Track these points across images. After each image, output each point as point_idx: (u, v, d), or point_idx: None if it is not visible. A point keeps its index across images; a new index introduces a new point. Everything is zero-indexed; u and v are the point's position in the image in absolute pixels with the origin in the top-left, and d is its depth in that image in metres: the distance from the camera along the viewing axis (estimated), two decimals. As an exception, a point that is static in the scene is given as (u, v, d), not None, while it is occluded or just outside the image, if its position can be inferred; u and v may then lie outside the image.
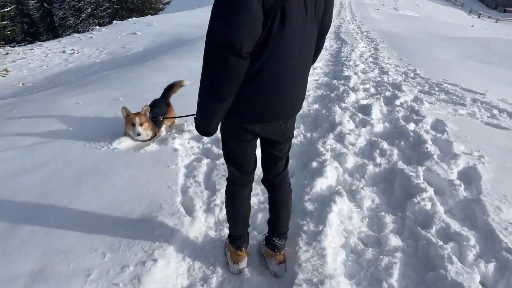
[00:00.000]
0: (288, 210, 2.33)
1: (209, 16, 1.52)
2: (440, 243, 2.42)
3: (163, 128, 4.17)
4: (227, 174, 2.22)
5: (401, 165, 3.54)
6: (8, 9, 23.94)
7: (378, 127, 4.65)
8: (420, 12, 39.88)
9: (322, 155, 3.63)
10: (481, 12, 51.21)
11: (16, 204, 2.76)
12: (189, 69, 7.14)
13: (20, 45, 22.36)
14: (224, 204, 2.31)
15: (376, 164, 3.62)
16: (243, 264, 2.35)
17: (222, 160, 3.47)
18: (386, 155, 3.82)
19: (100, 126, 4.14)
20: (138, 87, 5.80)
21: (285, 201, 2.30)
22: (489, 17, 50.27)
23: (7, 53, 17.10)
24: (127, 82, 6.24)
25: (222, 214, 2.73)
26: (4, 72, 13.41)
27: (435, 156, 3.71)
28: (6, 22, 22.88)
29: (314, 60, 2.04)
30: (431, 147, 3.92)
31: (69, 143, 3.71)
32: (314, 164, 3.47)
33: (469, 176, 3.46)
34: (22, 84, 11.75)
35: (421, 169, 3.41)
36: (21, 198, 2.82)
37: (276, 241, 2.33)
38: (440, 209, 2.83)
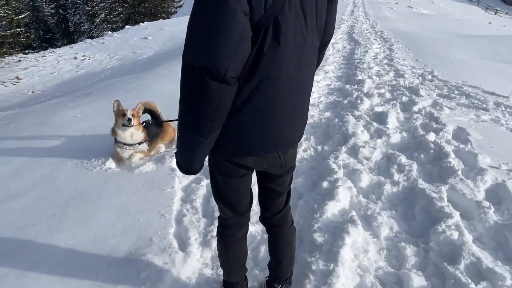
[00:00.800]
0: (291, 253, 1.97)
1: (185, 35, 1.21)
2: (472, 285, 2.08)
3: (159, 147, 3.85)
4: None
5: (421, 183, 3.18)
6: (23, 15, 24.24)
7: (395, 138, 4.30)
8: (435, 10, 39.05)
9: (334, 173, 3.30)
10: (498, 9, 49.96)
11: (-9, 239, 2.50)
12: (196, 76, 6.90)
13: (33, 52, 22.52)
14: (216, 248, 1.96)
15: (394, 182, 3.28)
16: None
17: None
18: (405, 171, 3.47)
19: (96, 142, 3.89)
20: (142, 97, 5.53)
21: (288, 243, 1.94)
22: (507, 13, 49.00)
23: (19, 60, 17.19)
24: (131, 92, 6.00)
25: (220, 247, 2.43)
26: (15, 80, 13.42)
27: (459, 172, 3.35)
28: (21, 29, 23.14)
29: None
30: (454, 161, 3.56)
31: (60, 163, 3.46)
32: (325, 184, 3.14)
33: (498, 195, 3.10)
34: (32, 92, 11.69)
35: (444, 189, 3.05)
36: (-2, 231, 2.57)
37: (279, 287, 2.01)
38: (469, 238, 2.47)
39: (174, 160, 3.45)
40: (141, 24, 25.84)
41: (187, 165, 1.48)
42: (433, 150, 3.88)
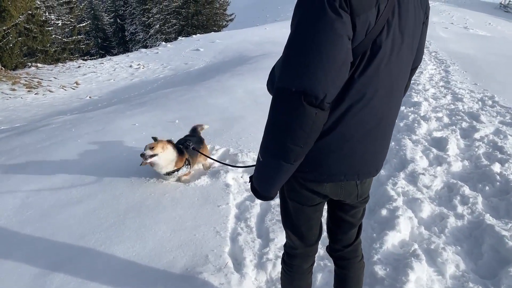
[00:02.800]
0: None
1: (281, 58, 1.18)
2: None
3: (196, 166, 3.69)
4: (284, 239, 1.80)
5: (489, 218, 2.98)
6: (84, 24, 25.65)
7: (456, 166, 4.08)
8: (492, 32, 37.40)
9: (393, 201, 3.16)
10: None
11: (54, 245, 2.57)
12: (248, 90, 6.91)
13: (92, 59, 23.68)
14: (280, 276, 1.88)
15: (457, 215, 3.09)
16: None
17: (278, 201, 3.11)
18: (469, 203, 3.27)
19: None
20: (195, 109, 5.64)
21: (357, 278, 1.83)
22: None
23: (79, 66, 18.10)
24: (184, 103, 6.12)
25: (276, 271, 2.37)
26: (75, 84, 14.12)
27: (530, 209, 3.11)
28: (82, 36, 24.49)
29: None
30: (523, 196, 3.32)
31: (119, 172, 3.54)
32: (384, 212, 3.01)
33: None
34: (90, 97, 12.23)
35: (514, 227, 2.84)
36: (60, 237, 2.63)
37: None
38: (545, 285, 2.27)
39: (229, 175, 3.46)
40: (193, 36, 26.55)
41: (265, 191, 1.42)
42: (499, 182, 3.64)
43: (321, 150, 1.35)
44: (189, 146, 3.42)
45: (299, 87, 1.13)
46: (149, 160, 3.12)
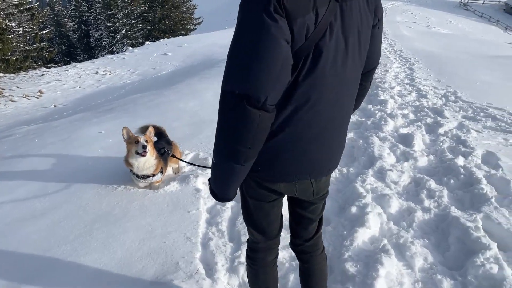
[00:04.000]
0: (323, 281, 1.90)
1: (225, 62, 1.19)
2: (518, 326, 1.96)
3: (169, 168, 3.61)
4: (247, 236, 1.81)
5: (454, 211, 3.07)
6: (47, 31, 24.92)
7: (422, 161, 4.18)
8: (454, 30, 38.79)
9: (362, 198, 3.21)
10: (519, 29, 49.41)
11: (19, 259, 2.47)
12: (218, 94, 6.79)
13: (56, 66, 23.03)
14: (247, 274, 1.89)
15: (424, 209, 3.17)
16: None
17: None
18: (435, 197, 3.35)
19: (120, 160, 3.86)
20: (164, 114, 5.57)
21: (319, 271, 1.87)
22: (528, 33, 48.41)
23: (42, 74, 17.58)
24: (153, 109, 6.03)
25: (248, 275, 2.35)
26: (39, 93, 13.69)
27: (493, 200, 3.22)
28: (45, 43, 23.76)
29: (358, 104, 1.71)
30: (486, 188, 3.43)
31: (85, 181, 3.44)
32: (354, 209, 3.05)
33: (536, 226, 2.96)
34: (54, 106, 11.89)
35: (479, 217, 2.93)
36: (24, 252, 2.53)
37: None
38: (509, 272, 2.34)
39: (199, 180, 3.43)
40: (161, 40, 26.28)
41: (222, 193, 1.45)
42: (463, 175, 3.76)
43: (272, 151, 1.39)
44: (166, 152, 3.31)
45: (241, 90, 1.15)
46: (141, 151, 3.00)
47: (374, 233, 2.81)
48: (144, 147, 3.01)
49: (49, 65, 23.41)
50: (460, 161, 4.07)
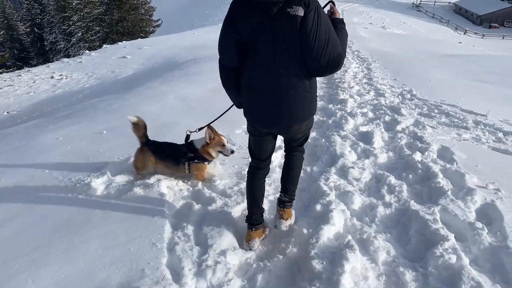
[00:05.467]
0: (294, 172, 2.82)
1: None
2: (475, 311, 2.05)
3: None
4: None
5: (414, 204, 3.18)
6: (-3, 34, 23.78)
7: (382, 158, 4.32)
8: (407, 30, 40.31)
9: (326, 196, 3.27)
10: (467, 29, 52.00)
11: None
12: (181, 96, 6.78)
13: (8, 71, 22.02)
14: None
15: (386, 204, 3.27)
16: (253, 244, 2.72)
17: (215, 206, 3.10)
18: (395, 192, 3.47)
19: (79, 166, 3.75)
20: (125, 118, 5.41)
21: (295, 166, 2.82)
22: (475, 33, 51.06)
23: (-7, 80, 16.72)
24: (113, 113, 5.88)
25: (216, 278, 2.33)
26: (-11, 100, 13.02)
27: (449, 193, 3.36)
28: (-5, 48, 22.64)
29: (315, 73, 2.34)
30: (442, 181, 3.58)
31: (43, 190, 3.30)
32: (318, 207, 3.10)
33: (489, 215, 3.12)
34: (7, 112, 11.37)
35: (436, 210, 3.06)
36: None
37: (282, 196, 2.84)
38: (466, 261, 2.45)
39: (163, 184, 3.37)
40: (119, 43, 25.66)
41: (234, 102, 2.68)
42: (421, 170, 3.91)
43: (244, 104, 2.52)
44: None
45: (220, 59, 2.44)
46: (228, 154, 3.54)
47: (338, 230, 2.86)
48: (233, 151, 3.55)
49: (0, 70, 22.32)
50: (418, 156, 4.22)
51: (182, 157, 3.47)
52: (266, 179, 2.85)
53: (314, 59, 2.18)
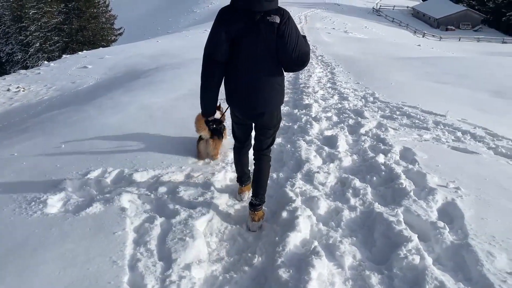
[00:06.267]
0: (262, 177, 3.20)
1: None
2: (439, 311, 2.07)
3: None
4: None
5: (378, 207, 3.22)
6: None
7: (347, 161, 4.36)
8: (369, 34, 41.38)
9: (292, 202, 3.25)
10: (425, 32, 53.99)
11: None
12: (143, 106, 6.61)
13: (-40, 85, 20.94)
14: None
15: (351, 207, 3.29)
16: (243, 196, 3.58)
17: (179, 218, 3.01)
18: (360, 195, 3.50)
19: (35, 184, 3.57)
20: (84, 131, 5.25)
21: (263, 170, 3.20)
22: (433, 35, 53.12)
23: None
24: (72, 126, 5.66)
25: (181, 293, 2.26)
26: None
27: (411, 193, 3.43)
28: None
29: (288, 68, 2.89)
30: (405, 182, 3.65)
31: (-5, 210, 3.12)
32: (285, 214, 3.08)
33: (450, 214, 3.20)
34: (-41, 128, 10.77)
35: (400, 211, 3.10)
36: None
37: (253, 200, 3.12)
38: (429, 261, 2.49)
39: (124, 197, 3.26)
40: (79, 52, 24.96)
41: (202, 108, 3.01)
42: (384, 172, 3.97)
43: (227, 93, 2.94)
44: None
45: (207, 52, 2.74)
46: None
47: (305, 236, 2.85)
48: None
49: (-48, 84, 21.21)
50: (381, 158, 4.29)
51: None
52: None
53: (287, 54, 2.74)
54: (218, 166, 4.12)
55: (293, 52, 2.72)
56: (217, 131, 4.16)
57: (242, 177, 3.52)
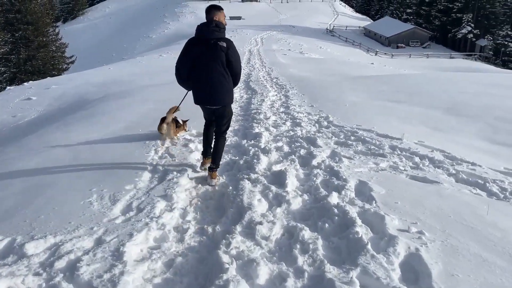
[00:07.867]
0: (219, 150, 4.55)
1: None
2: None
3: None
4: None
5: (329, 269, 2.63)
6: None
7: (296, 203, 3.80)
8: (323, 54, 42.10)
9: (224, 272, 2.60)
10: (377, 50, 55.73)
11: None
12: (72, 145, 5.79)
13: None
14: None
15: (298, 271, 2.68)
16: (206, 166, 4.66)
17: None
18: (310, 251, 2.91)
19: None
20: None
21: (219, 145, 4.54)
22: (385, 53, 54.91)
23: None
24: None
25: None
26: None
27: (369, 246, 2.88)
28: None
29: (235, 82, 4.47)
30: (361, 230, 3.11)
31: None
32: (212, 292, 2.43)
33: (415, 270, 2.70)
34: None
35: (355, 275, 2.54)
36: None
37: (211, 165, 4.48)
38: None
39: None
40: (25, 83, 23.56)
41: (186, 88, 4.52)
42: (337, 216, 3.43)
43: (193, 92, 4.37)
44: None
45: (178, 68, 4.31)
46: None
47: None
48: None
49: None
50: (334, 198, 3.78)
51: None
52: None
53: (232, 68, 4.26)
54: (139, 223, 3.39)
55: (235, 67, 4.29)
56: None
57: (206, 150, 4.71)
